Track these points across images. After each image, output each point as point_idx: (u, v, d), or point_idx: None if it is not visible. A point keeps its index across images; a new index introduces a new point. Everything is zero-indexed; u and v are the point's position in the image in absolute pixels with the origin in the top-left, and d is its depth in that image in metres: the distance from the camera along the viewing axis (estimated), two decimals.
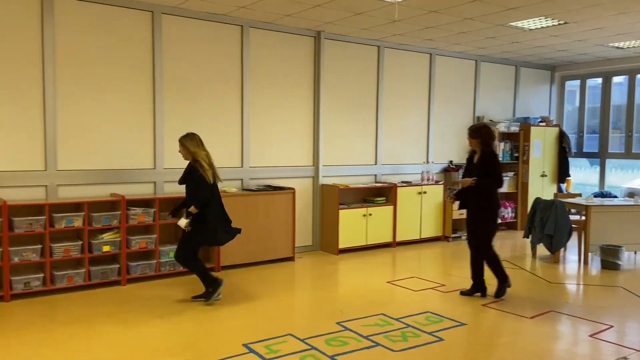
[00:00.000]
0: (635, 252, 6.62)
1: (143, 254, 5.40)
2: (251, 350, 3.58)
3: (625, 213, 6.28)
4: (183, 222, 4.53)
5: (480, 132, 4.88)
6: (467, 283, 5.08)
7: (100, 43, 5.23)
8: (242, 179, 6.24)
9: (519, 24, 6.18)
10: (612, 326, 4.15)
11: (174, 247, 5.41)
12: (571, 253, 6.66)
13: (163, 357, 3.48)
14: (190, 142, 4.58)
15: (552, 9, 5.52)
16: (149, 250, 5.33)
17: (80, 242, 4.93)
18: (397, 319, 4.25)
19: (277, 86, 6.45)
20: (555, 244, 6.20)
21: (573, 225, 6.33)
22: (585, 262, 6.22)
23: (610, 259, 5.90)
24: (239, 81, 6.15)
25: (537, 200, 6.63)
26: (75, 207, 5.00)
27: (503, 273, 4.84)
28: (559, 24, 6.16)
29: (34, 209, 4.82)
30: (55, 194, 5.06)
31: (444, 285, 5.27)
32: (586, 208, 6.20)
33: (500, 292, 4.82)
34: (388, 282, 5.41)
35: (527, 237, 6.71)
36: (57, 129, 5.04)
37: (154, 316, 4.28)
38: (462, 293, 4.93)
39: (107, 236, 5.08)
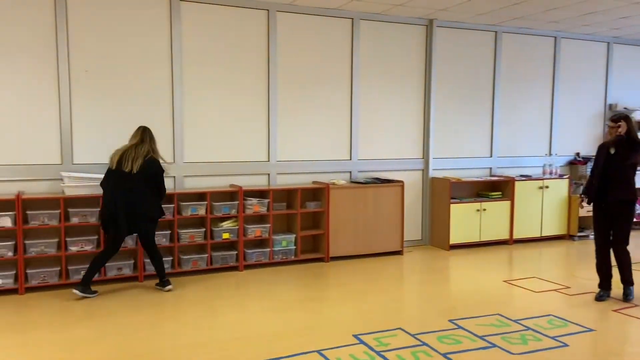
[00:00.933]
0: None
1: (258, 242, 5.66)
2: (361, 341, 3.60)
3: None
4: None
5: (627, 120, 4.46)
6: (593, 284, 4.65)
7: (219, 42, 5.55)
8: (350, 172, 6.28)
9: None
10: None
11: (287, 236, 5.63)
12: None
13: (277, 340, 3.62)
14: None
15: None
16: (264, 238, 5.57)
17: (204, 229, 5.29)
18: (515, 321, 4.01)
19: (386, 77, 6.38)
20: None
21: None
22: None
23: None
24: (349, 73, 6.17)
25: None
26: (198, 196, 5.38)
27: (631, 276, 4.45)
28: None
29: (166, 198, 5.25)
30: (182, 184, 5.48)
31: (569, 287, 4.87)
32: None
33: (629, 295, 4.43)
34: (505, 281, 5.12)
35: None
36: (184, 124, 5.44)
37: (267, 301, 4.47)
38: (598, 299, 4.52)
39: (226, 224, 5.40)
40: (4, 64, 4.74)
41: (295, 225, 5.70)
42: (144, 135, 4.61)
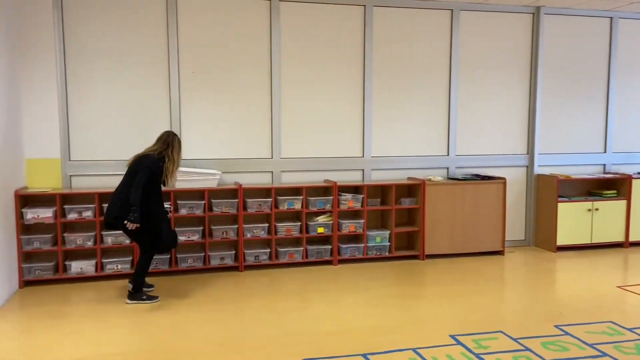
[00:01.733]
0: None
1: (352, 237, 5.69)
2: (458, 342, 3.49)
3: None
4: None
5: None
6: None
7: (315, 39, 5.64)
8: (447, 168, 6.09)
9: None
10: None
11: (381, 232, 5.61)
12: None
13: (372, 335, 3.62)
14: None
15: None
16: (358, 234, 5.59)
17: (299, 223, 5.42)
18: (629, 329, 3.67)
19: (487, 69, 6.11)
20: None
21: None
22: None
23: None
24: (447, 66, 5.99)
25: None
26: (295, 191, 5.52)
27: None
28: None
29: (263, 192, 5.47)
30: (279, 179, 5.66)
31: None
32: None
33: None
34: (618, 286, 4.70)
35: None
36: (281, 121, 5.61)
37: (362, 296, 4.48)
38: None
39: (321, 219, 5.49)
40: (118, 67, 5.19)
41: (390, 222, 5.65)
42: (160, 138, 4.41)
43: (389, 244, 5.63)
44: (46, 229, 4.82)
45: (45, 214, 4.73)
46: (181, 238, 5.07)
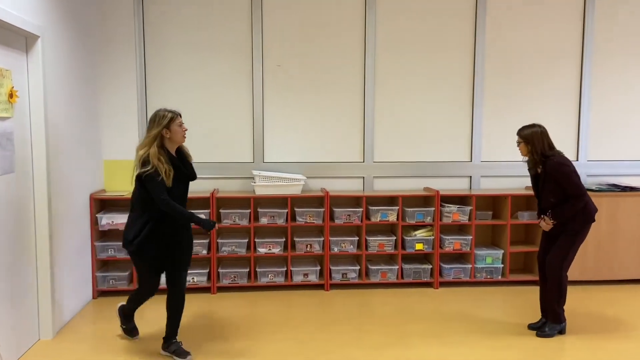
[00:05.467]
0: None
1: (456, 257, 4.85)
2: None
3: None
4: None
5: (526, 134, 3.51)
6: None
7: (417, 28, 4.89)
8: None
9: None
10: None
11: (493, 251, 4.72)
12: None
13: None
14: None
15: None
16: (464, 252, 4.74)
17: (394, 238, 4.69)
18: None
19: (627, 56, 4.98)
20: None
21: None
22: None
23: None
24: (579, 53, 4.96)
25: None
26: (389, 200, 4.80)
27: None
28: None
29: (352, 200, 4.81)
30: (372, 185, 4.97)
31: None
32: None
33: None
34: None
35: None
36: (375, 119, 4.92)
37: (472, 332, 3.65)
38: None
39: (420, 233, 4.72)
40: (207, 64, 4.79)
41: (504, 239, 4.73)
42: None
43: (502, 265, 4.72)
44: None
45: (120, 219, 4.41)
46: (261, 250, 4.56)
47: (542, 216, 3.60)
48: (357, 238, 4.70)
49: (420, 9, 4.87)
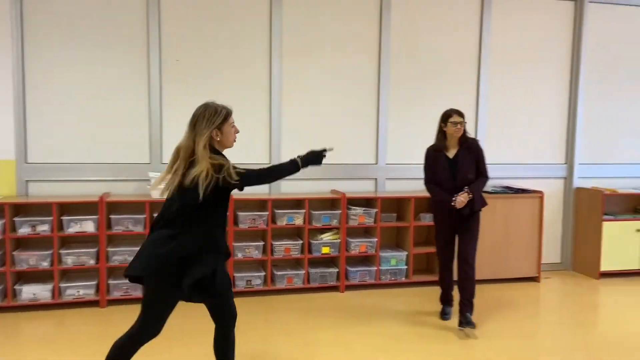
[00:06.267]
0: None
1: (362, 259, 4.84)
2: None
3: None
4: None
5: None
6: None
7: (322, 33, 4.81)
8: None
9: None
10: None
11: (397, 253, 4.76)
12: None
13: None
14: None
15: None
16: (369, 255, 4.74)
17: (301, 242, 4.57)
18: None
19: (521, 63, 5.26)
20: None
21: None
22: None
23: None
24: (476, 58, 5.15)
25: None
26: (296, 203, 4.67)
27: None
28: None
29: (256, 204, 4.62)
30: (279, 188, 4.81)
31: None
32: None
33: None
34: None
35: None
36: (282, 121, 4.77)
37: (374, 334, 3.62)
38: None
39: (326, 237, 4.64)
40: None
41: (407, 241, 4.79)
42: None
43: (405, 267, 4.77)
44: None
45: None
46: None
47: (454, 195, 3.67)
48: (263, 243, 4.52)
49: (327, 12, 4.79)
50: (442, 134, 3.76)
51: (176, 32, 4.48)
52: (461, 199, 3.65)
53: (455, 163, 3.74)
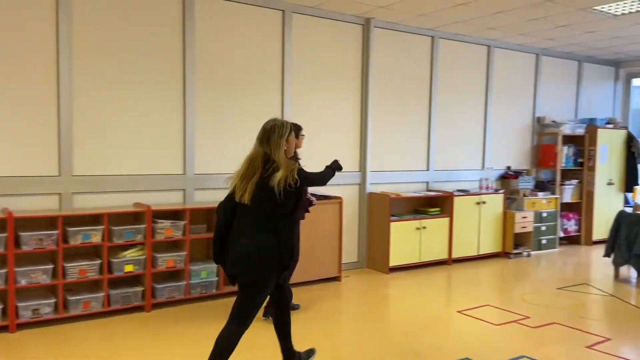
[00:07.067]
0: None
1: (171, 275, 4.63)
2: None
3: None
4: None
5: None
6: (551, 312, 4.25)
7: (121, 35, 4.48)
8: None
9: (606, 7, 5.30)
10: None
11: (208, 265, 4.66)
12: None
13: None
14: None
15: None
16: (178, 269, 4.55)
17: (99, 261, 4.17)
18: None
19: (320, 80, 5.65)
20: None
21: None
22: None
23: None
24: (279, 73, 5.35)
25: (622, 214, 5.73)
26: (92, 219, 4.24)
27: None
28: None
29: (45, 222, 4.07)
30: (71, 203, 4.32)
31: (528, 317, 4.40)
32: None
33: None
34: (459, 311, 4.55)
35: (609, 257, 5.80)
36: (73, 128, 4.29)
37: (182, 352, 3.49)
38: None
39: (129, 254, 4.31)
40: None
41: None
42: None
43: (217, 279, 4.71)
44: None
45: None
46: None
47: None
48: (53, 266, 4.00)
49: (126, 14, 4.48)
50: None
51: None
52: None
53: None
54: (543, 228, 7.01)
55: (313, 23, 5.53)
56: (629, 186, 7.90)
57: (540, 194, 7.04)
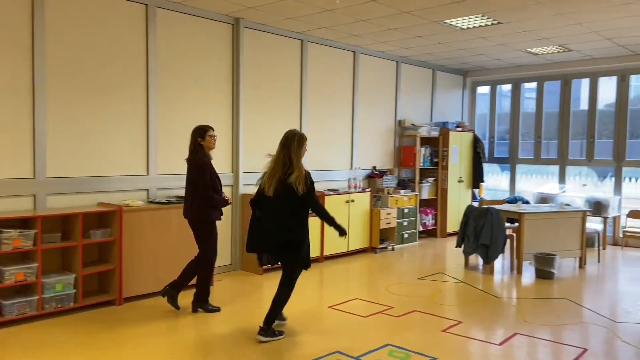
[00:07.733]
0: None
1: (20, 289, 4.16)
2: None
3: (557, 220, 6.23)
4: None
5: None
6: (412, 301, 4.61)
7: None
8: (147, 189, 5.18)
9: (454, 21, 5.87)
10: (585, 350, 3.85)
11: (63, 277, 4.28)
12: (500, 261, 6.51)
13: None
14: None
15: (493, 5, 5.25)
16: (29, 283, 4.11)
17: None
18: (356, 358, 3.58)
19: (188, 79, 5.48)
20: (492, 254, 5.97)
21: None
22: (519, 272, 6.07)
23: (545, 267, 5.78)
24: (144, 72, 5.09)
25: (470, 208, 6.39)
26: None
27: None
28: (492, 24, 5.95)
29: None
30: None
31: (392, 307, 4.71)
32: (519, 216, 6.06)
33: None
34: (330, 307, 4.72)
35: (460, 247, 6.43)
36: None
37: None
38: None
39: None
40: None
41: (76, 262, 4.37)
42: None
43: (74, 291, 4.33)
44: None
45: None
46: None
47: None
48: None
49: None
50: (201, 146, 4.37)
51: None
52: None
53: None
54: (405, 223, 7.56)
55: (180, 19, 5.35)
56: (475, 183, 8.84)
57: (402, 192, 7.58)
